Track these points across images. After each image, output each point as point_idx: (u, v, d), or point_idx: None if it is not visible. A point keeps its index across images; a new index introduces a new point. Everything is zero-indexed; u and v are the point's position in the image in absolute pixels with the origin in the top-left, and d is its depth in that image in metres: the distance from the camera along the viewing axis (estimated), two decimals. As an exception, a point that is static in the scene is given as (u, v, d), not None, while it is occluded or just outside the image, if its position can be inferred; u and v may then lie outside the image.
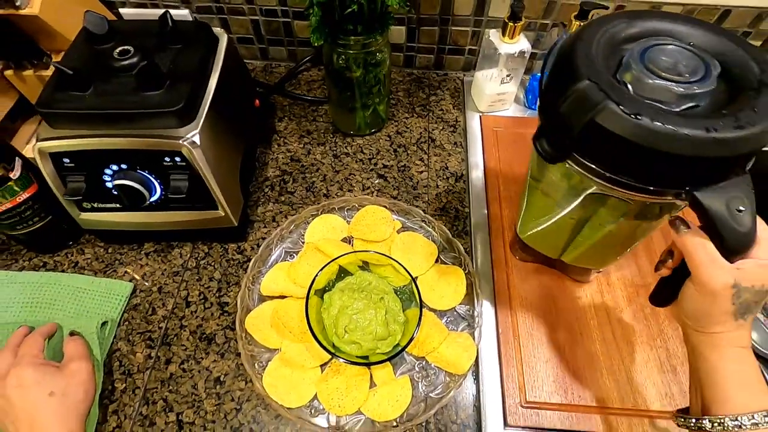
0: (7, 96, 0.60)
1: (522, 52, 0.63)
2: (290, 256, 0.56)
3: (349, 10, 0.50)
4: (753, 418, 0.29)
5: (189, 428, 0.45)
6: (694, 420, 0.32)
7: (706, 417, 0.31)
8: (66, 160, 0.46)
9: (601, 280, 0.54)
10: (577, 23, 0.62)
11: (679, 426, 0.34)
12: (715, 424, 0.30)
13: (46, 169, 0.46)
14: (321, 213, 0.59)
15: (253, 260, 0.54)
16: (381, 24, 0.56)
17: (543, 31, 0.72)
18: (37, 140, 0.45)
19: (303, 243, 0.57)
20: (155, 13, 0.52)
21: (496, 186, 0.62)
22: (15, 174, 0.47)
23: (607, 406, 0.46)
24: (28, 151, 0.58)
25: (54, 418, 0.39)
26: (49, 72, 0.57)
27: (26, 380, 0.40)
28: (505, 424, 0.45)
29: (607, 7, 0.62)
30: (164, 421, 0.45)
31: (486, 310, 0.52)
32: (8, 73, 0.57)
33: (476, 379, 0.48)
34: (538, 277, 0.54)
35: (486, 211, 0.60)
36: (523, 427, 0.45)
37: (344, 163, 0.66)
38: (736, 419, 0.29)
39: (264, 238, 0.57)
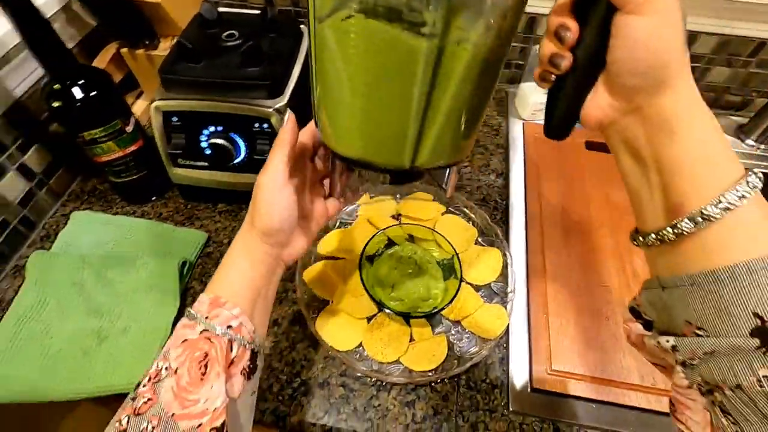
0: (119, 70, 0.70)
1: (566, 66, 0.70)
2: (344, 225, 0.63)
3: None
4: (737, 191, 0.23)
5: (248, 358, 0.51)
6: (667, 228, 0.25)
7: (683, 218, 0.24)
8: (174, 118, 0.55)
9: (628, 273, 0.58)
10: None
11: (644, 245, 0.27)
12: (698, 220, 0.23)
13: (157, 125, 0.55)
14: (375, 194, 0.66)
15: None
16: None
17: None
18: (154, 100, 0.54)
19: (357, 216, 0.64)
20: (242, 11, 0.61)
21: (535, 184, 0.68)
22: (129, 128, 0.56)
23: (627, 382, 0.49)
24: (131, 117, 0.67)
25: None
26: (157, 52, 0.67)
27: None
28: (532, 388, 0.50)
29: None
30: (228, 350, 0.52)
31: (519, 287, 0.56)
32: (123, 50, 0.68)
33: (506, 346, 0.53)
34: (570, 263, 0.59)
35: (524, 205, 0.66)
36: (549, 392, 0.49)
37: (396, 153, 0.73)
38: (720, 201, 0.23)
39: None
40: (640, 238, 0.27)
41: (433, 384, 0.50)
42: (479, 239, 0.62)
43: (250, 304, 0.34)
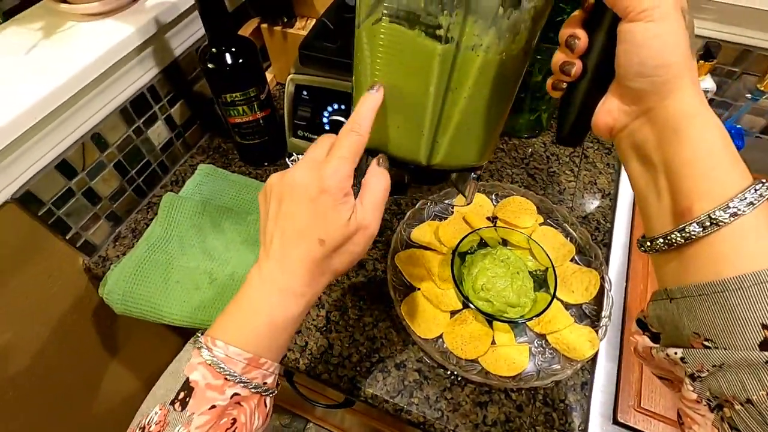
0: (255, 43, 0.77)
1: (705, 91, 0.64)
2: (438, 219, 0.64)
3: (559, 18, 0.57)
4: (745, 197, 0.23)
5: (334, 325, 0.54)
6: (675, 232, 0.24)
7: (691, 221, 0.24)
8: (304, 92, 0.59)
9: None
10: (775, 74, 0.61)
11: (651, 250, 0.27)
12: (706, 225, 0.23)
13: (288, 96, 0.59)
14: (472, 191, 0.66)
15: (409, 212, 0.62)
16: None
17: (728, 78, 0.72)
18: (291, 73, 0.58)
19: (451, 211, 0.64)
20: None
21: (645, 210, 0.63)
22: (262, 96, 0.62)
23: (729, 441, 0.45)
24: (259, 87, 0.74)
25: (301, 266, 0.30)
26: (292, 31, 0.72)
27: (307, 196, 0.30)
28: (614, 420, 0.47)
29: (815, 64, 0.61)
30: (317, 314, 0.55)
31: (614, 313, 0.54)
32: (263, 25, 0.74)
33: (590, 371, 0.51)
34: (675, 302, 0.54)
35: (629, 231, 0.62)
36: (632, 428, 0.46)
37: (498, 156, 0.73)
38: (728, 206, 0.23)
39: (419, 200, 0.66)
40: (648, 243, 0.27)
41: (508, 391, 0.49)
42: (576, 258, 0.59)
43: (284, 348, 0.32)
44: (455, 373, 0.50)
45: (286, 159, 0.69)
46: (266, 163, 0.72)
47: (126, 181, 0.63)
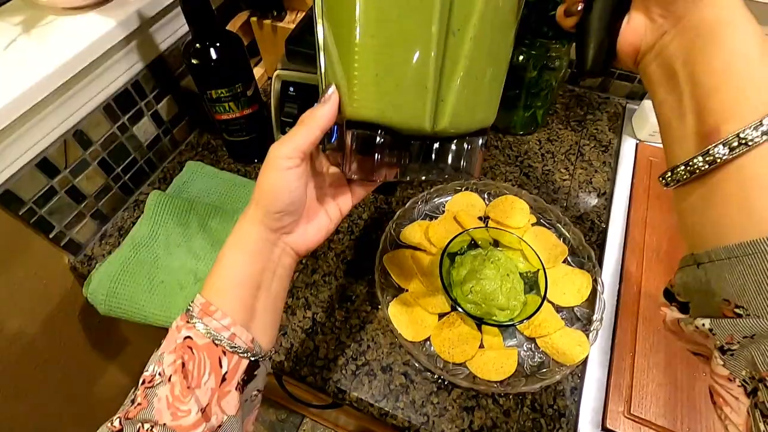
0: (245, 37, 0.75)
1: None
2: (429, 218, 0.62)
3: (553, 13, 0.55)
4: None
5: (320, 327, 0.54)
6: (698, 156, 0.22)
7: (718, 142, 0.21)
8: (291, 88, 0.57)
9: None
10: None
11: (673, 182, 0.24)
12: (734, 145, 0.21)
13: (275, 92, 0.58)
14: (464, 189, 0.64)
15: (399, 212, 0.61)
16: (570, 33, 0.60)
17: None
18: (276, 69, 0.57)
19: (443, 210, 0.63)
20: None
21: (641, 211, 0.62)
22: (249, 92, 0.60)
23: (720, 449, 0.44)
24: (249, 82, 0.72)
25: (242, 221, 0.32)
26: (282, 24, 0.71)
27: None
28: (603, 427, 0.46)
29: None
30: (303, 315, 0.54)
31: (606, 317, 0.52)
32: (253, 19, 0.72)
33: (580, 376, 0.50)
34: (669, 305, 0.53)
35: (624, 232, 0.60)
36: (622, 436, 0.45)
37: (492, 154, 0.71)
38: (762, 123, 0.20)
39: (409, 198, 0.64)
40: (668, 175, 0.24)
41: (496, 396, 0.49)
42: (569, 258, 0.58)
43: (247, 309, 0.30)
44: (442, 377, 0.49)
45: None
46: (256, 160, 0.71)
47: (111, 178, 0.62)
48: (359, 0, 0.25)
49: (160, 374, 0.28)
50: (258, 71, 0.79)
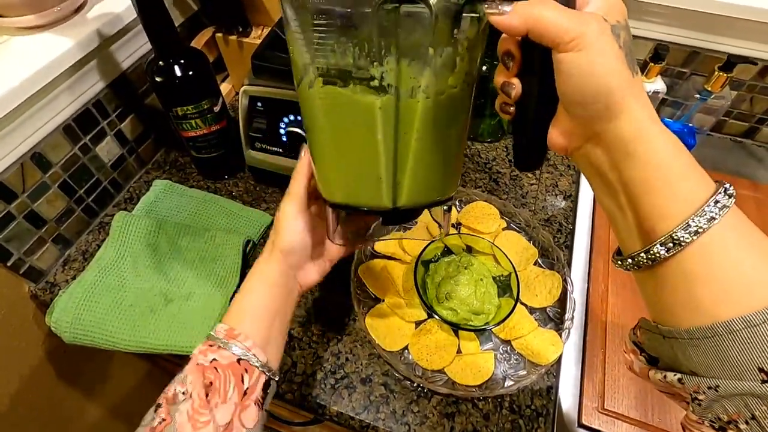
0: (210, 53, 0.74)
1: (656, 92, 0.66)
2: (403, 229, 0.63)
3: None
4: (705, 212, 0.22)
5: (297, 342, 0.53)
6: (642, 253, 0.24)
7: (657, 243, 0.23)
8: (259, 104, 0.57)
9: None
10: (721, 74, 0.64)
11: (623, 268, 0.27)
12: (669, 246, 0.23)
13: (243, 108, 0.58)
14: (436, 197, 0.66)
15: (374, 225, 0.61)
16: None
17: (679, 79, 0.74)
18: (243, 84, 0.57)
19: (416, 222, 0.64)
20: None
21: (605, 211, 0.65)
22: (217, 108, 0.60)
23: (689, 436, 0.46)
24: (216, 98, 0.71)
25: (263, 256, 0.40)
26: (248, 40, 0.71)
27: None
28: (579, 423, 0.47)
29: (756, 63, 0.63)
30: (279, 331, 0.54)
31: (576, 316, 0.54)
32: (218, 35, 0.72)
33: (555, 375, 0.51)
34: (636, 300, 0.55)
35: (590, 231, 0.63)
36: (597, 431, 0.46)
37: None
38: (689, 225, 0.22)
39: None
40: (619, 262, 0.27)
41: (475, 400, 0.49)
42: (539, 261, 0.60)
43: (266, 332, 0.36)
44: (422, 385, 0.50)
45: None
46: (226, 176, 0.70)
47: (74, 201, 0.60)
48: (320, 122, 0.31)
49: (183, 393, 0.31)
50: (225, 87, 0.79)
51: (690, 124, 0.72)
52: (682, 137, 0.70)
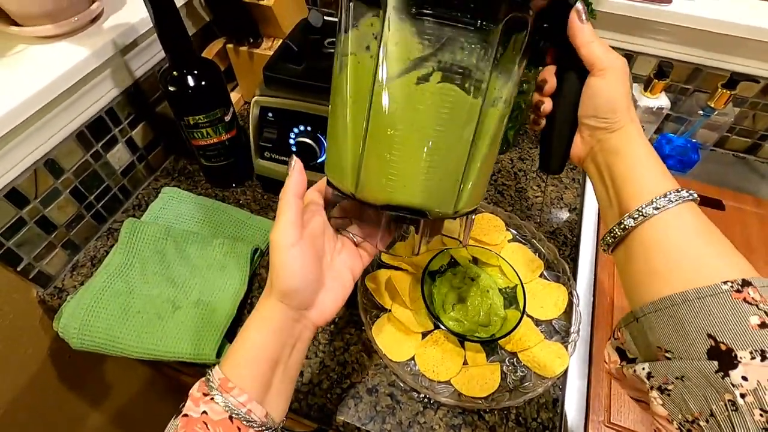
0: (221, 63, 0.76)
1: (660, 108, 0.67)
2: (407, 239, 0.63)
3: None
4: (666, 196, 0.30)
5: (303, 351, 0.53)
6: (615, 226, 0.32)
7: (626, 215, 0.31)
8: (269, 114, 0.58)
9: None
10: (724, 92, 0.65)
11: (605, 246, 0.34)
12: (635, 216, 0.31)
13: (253, 118, 0.59)
14: (442, 208, 0.66)
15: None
16: (538, 60, 0.63)
17: (682, 95, 0.75)
18: (255, 95, 0.58)
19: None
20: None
21: (610, 224, 0.65)
22: (227, 117, 0.61)
23: (695, 452, 0.46)
24: (225, 107, 0.72)
25: (261, 300, 0.35)
26: (258, 51, 0.72)
27: None
28: (585, 436, 0.47)
29: (758, 81, 0.64)
30: (285, 340, 0.54)
31: (582, 329, 0.54)
32: (229, 46, 0.73)
33: (562, 388, 0.51)
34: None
35: (595, 244, 0.63)
36: (604, 445, 0.46)
37: (467, 173, 0.73)
38: (652, 202, 0.30)
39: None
40: (602, 241, 0.34)
41: (481, 412, 0.49)
42: (545, 273, 0.60)
43: (263, 384, 0.32)
44: (428, 396, 0.50)
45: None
46: (234, 185, 0.71)
47: (84, 207, 0.61)
48: (420, 119, 0.30)
49: None
50: (235, 96, 0.80)
51: (693, 140, 0.73)
52: (685, 152, 0.71)
